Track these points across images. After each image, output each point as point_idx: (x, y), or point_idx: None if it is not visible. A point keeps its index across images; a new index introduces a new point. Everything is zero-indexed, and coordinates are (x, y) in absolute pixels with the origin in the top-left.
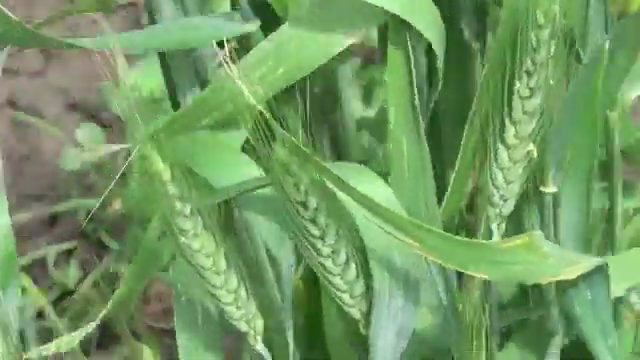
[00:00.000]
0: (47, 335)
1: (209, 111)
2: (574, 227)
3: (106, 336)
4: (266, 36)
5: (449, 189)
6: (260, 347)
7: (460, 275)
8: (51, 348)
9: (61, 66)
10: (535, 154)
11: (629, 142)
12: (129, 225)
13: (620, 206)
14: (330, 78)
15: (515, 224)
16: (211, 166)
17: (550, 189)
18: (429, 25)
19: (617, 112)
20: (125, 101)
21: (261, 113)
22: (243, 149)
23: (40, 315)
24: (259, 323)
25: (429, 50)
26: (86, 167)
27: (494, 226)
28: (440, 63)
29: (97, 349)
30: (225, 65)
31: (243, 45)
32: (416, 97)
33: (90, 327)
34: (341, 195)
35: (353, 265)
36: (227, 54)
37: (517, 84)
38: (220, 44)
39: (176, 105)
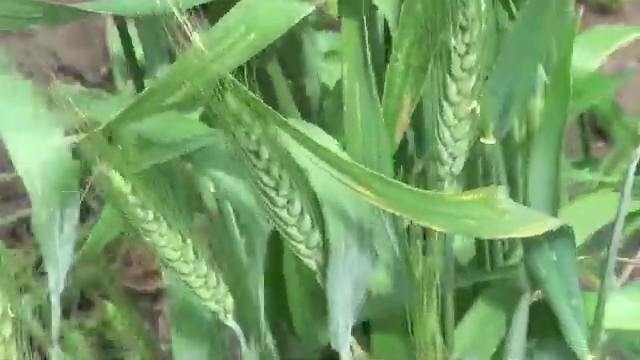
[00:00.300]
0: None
1: (175, 89)
2: (543, 185)
3: (87, 298)
4: None
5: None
6: (231, 323)
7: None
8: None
9: (51, 28)
10: (478, 111)
11: (594, 103)
12: None
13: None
14: (296, 46)
15: None
16: (170, 135)
17: (489, 141)
18: None
19: None
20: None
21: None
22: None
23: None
24: (229, 301)
25: None
26: (73, 129)
27: (445, 184)
28: (392, 30)
29: (78, 310)
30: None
31: None
32: (368, 55)
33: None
34: (293, 147)
35: (308, 216)
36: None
37: (452, 41)
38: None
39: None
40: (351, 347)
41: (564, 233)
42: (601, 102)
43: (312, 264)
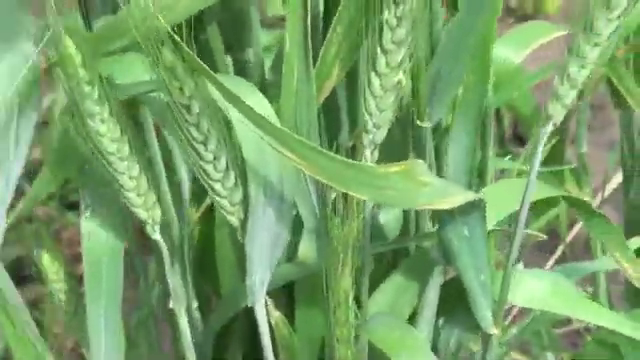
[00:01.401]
0: None
1: (119, 35)
2: (461, 162)
3: (19, 276)
4: None
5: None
6: (157, 237)
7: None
8: None
9: None
10: (404, 83)
11: (515, 102)
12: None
13: (490, 152)
14: (239, 15)
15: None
16: (121, 70)
17: (425, 124)
18: None
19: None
20: None
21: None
22: None
23: None
24: (157, 213)
25: None
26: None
27: (367, 152)
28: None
29: None
30: None
31: None
32: (308, 29)
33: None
34: (224, 106)
35: (232, 173)
36: None
37: (385, 14)
38: None
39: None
40: (268, 308)
41: (476, 208)
42: (522, 104)
43: (234, 220)
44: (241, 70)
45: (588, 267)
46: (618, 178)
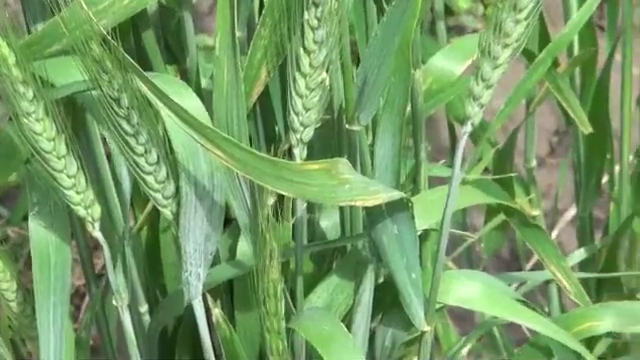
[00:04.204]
0: None
1: (56, 39)
2: (387, 162)
3: None
4: None
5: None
6: (97, 234)
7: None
8: None
9: None
10: (328, 82)
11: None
12: (20, 193)
13: (423, 156)
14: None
15: None
16: (57, 72)
17: (355, 127)
18: None
19: (419, 71)
20: None
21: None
22: None
23: None
24: (96, 210)
25: None
26: None
27: (296, 151)
28: None
29: None
30: None
31: None
32: (236, 29)
33: None
34: (153, 100)
35: (164, 166)
36: None
37: (306, 15)
38: None
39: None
40: (208, 305)
41: (405, 208)
42: (460, 110)
43: (168, 213)
44: (184, 79)
45: (520, 276)
46: None
